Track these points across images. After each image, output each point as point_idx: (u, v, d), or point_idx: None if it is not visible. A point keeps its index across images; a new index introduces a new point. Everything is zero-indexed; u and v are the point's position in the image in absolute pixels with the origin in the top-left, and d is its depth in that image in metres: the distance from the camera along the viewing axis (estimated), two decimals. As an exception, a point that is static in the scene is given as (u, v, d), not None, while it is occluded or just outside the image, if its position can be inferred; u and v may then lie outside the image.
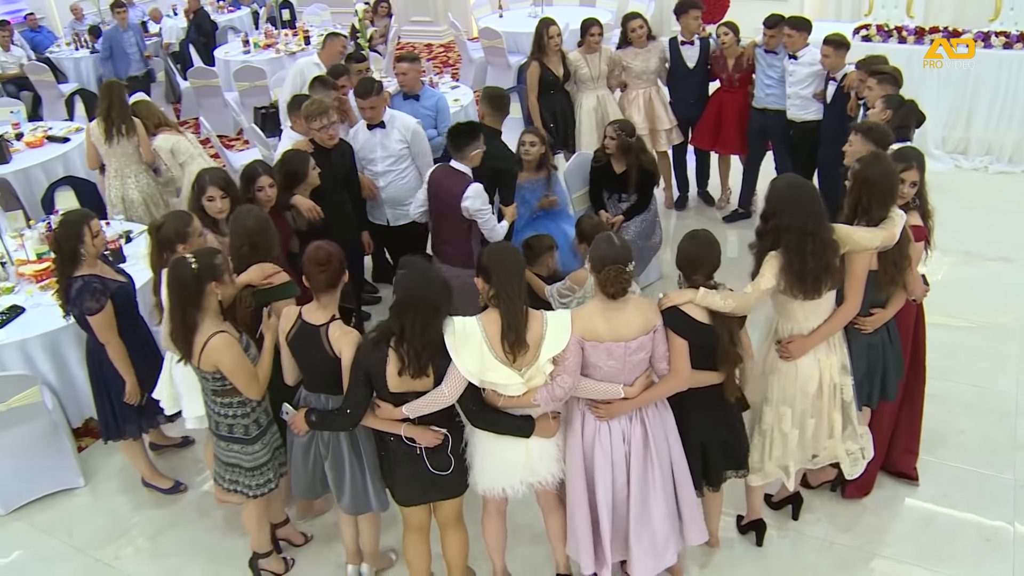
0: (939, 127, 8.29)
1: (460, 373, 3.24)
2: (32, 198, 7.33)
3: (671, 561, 3.65)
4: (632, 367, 3.36)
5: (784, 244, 3.44)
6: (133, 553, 4.44)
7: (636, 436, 3.45)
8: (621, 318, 3.31)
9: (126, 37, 10.87)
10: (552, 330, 3.28)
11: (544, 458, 3.47)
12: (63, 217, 4.27)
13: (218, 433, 3.71)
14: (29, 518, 4.69)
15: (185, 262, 3.43)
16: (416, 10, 14.67)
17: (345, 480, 3.64)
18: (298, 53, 10.81)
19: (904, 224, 3.63)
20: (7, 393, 4.43)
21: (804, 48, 6.34)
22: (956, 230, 6.94)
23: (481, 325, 3.26)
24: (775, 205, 3.51)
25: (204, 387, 3.67)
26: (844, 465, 3.90)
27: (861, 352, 3.82)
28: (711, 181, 7.75)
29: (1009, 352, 5.44)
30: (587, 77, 6.93)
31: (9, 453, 4.63)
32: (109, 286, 4.15)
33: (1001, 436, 4.71)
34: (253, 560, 4.13)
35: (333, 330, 3.41)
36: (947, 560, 3.99)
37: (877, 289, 3.72)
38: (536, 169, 5.72)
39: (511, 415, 3.38)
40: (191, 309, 3.45)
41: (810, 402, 3.70)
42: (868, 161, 3.66)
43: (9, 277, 5.41)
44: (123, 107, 6.29)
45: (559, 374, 3.29)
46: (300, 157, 5.03)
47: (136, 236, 5.88)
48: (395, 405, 3.33)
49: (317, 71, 6.88)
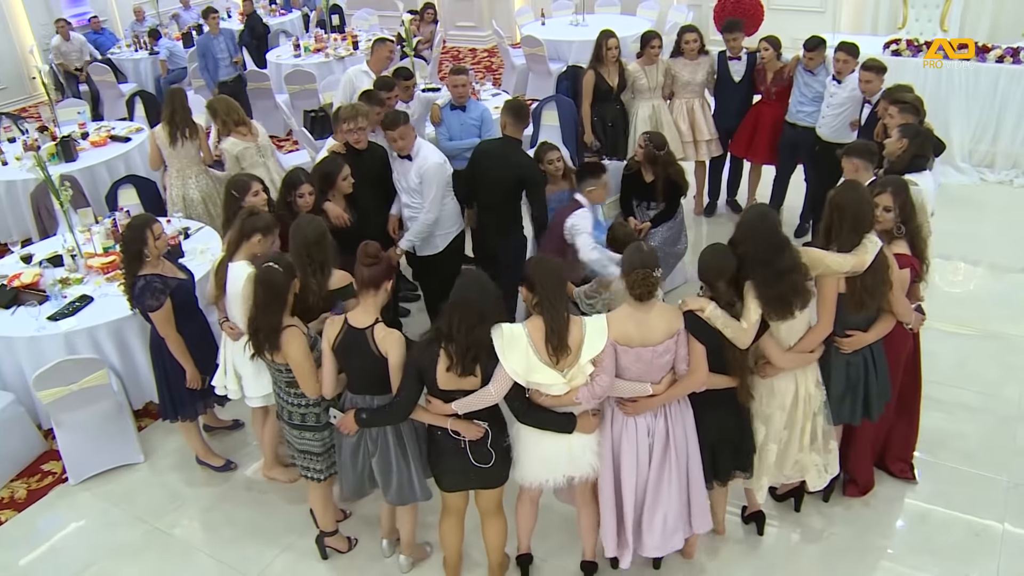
0: (966, 141, 8.47)
1: (507, 374, 3.52)
2: (96, 194, 7.80)
3: (678, 545, 3.96)
4: (658, 369, 3.66)
5: (761, 275, 3.68)
6: (188, 523, 4.87)
7: (659, 430, 3.77)
8: (649, 323, 3.61)
9: (216, 43, 10.71)
10: (591, 334, 3.58)
11: (585, 452, 3.75)
12: (129, 221, 4.68)
13: (291, 422, 4.06)
14: (94, 489, 5.14)
15: (274, 268, 3.76)
16: (461, 15, 15.05)
17: (392, 473, 3.91)
18: (347, 58, 11.23)
19: (881, 251, 3.82)
20: (78, 375, 4.88)
21: (851, 73, 6.51)
22: (980, 242, 7.21)
23: (527, 330, 3.57)
24: (742, 232, 3.75)
25: (278, 379, 4.00)
26: (810, 477, 4.16)
27: (840, 369, 4.05)
28: (740, 190, 8.01)
29: (1019, 362, 5.65)
30: (645, 87, 7.25)
31: (78, 429, 5.08)
32: (169, 284, 4.50)
33: (1000, 441, 4.96)
34: (320, 538, 4.48)
35: (378, 331, 3.68)
36: (937, 554, 4.26)
37: (847, 311, 3.90)
38: (560, 180, 6.02)
39: (555, 412, 3.66)
40: (281, 310, 3.79)
41: (787, 415, 3.97)
42: (842, 189, 3.89)
43: (79, 269, 5.86)
44: (185, 112, 6.74)
45: (598, 374, 3.59)
46: (334, 162, 5.37)
47: (194, 232, 6.33)
48: (444, 401, 3.65)
49: (366, 78, 7.26)
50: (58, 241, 6.31)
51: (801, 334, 3.85)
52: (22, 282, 5.65)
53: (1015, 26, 9.42)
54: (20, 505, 5.06)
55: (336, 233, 5.22)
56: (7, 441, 5.22)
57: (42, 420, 5.48)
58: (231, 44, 10.85)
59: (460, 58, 14.33)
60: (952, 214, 7.58)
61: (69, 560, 4.66)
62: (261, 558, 4.56)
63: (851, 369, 4.06)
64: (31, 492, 5.15)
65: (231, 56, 10.81)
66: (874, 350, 4.09)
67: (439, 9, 13.02)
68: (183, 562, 4.61)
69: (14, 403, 5.29)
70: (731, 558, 4.33)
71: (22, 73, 13.57)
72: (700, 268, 3.77)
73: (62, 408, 4.94)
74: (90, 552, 4.70)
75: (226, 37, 10.80)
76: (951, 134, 8.42)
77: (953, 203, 7.83)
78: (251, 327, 3.86)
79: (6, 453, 5.23)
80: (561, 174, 5.89)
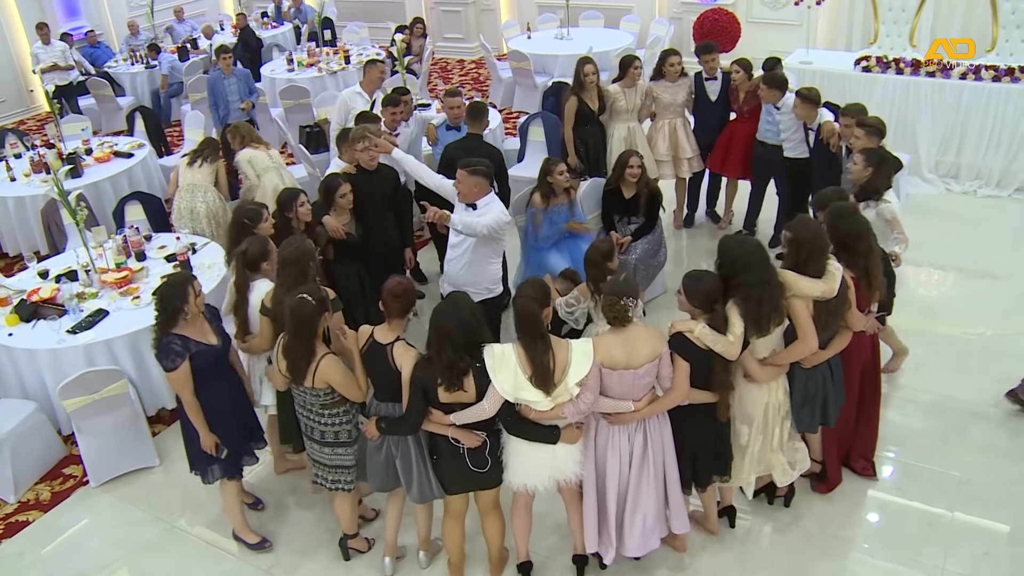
0: (932, 152, 8.90)
1: (498, 391, 3.89)
2: (101, 210, 8.13)
3: (655, 545, 4.36)
4: (639, 388, 4.02)
5: (744, 295, 4.04)
6: (205, 523, 5.22)
7: (638, 441, 4.15)
8: (633, 347, 3.96)
9: (228, 83, 9.99)
10: (577, 358, 3.91)
11: (568, 459, 4.12)
12: (169, 278, 4.50)
13: (323, 441, 4.37)
14: (114, 491, 5.50)
15: (306, 300, 4.06)
16: (449, 27, 15.42)
17: (413, 474, 4.26)
18: (339, 72, 11.59)
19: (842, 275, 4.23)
20: (100, 384, 5.24)
21: (783, 98, 6.90)
22: (944, 249, 7.62)
23: (515, 351, 3.90)
24: (737, 266, 4.05)
25: (311, 404, 4.28)
26: (776, 474, 4.57)
27: (801, 382, 4.45)
28: (718, 201, 8.39)
29: (971, 365, 6.08)
30: (623, 109, 7.59)
31: (99, 435, 5.44)
32: (189, 348, 4.33)
33: (954, 438, 5.38)
34: (343, 540, 4.82)
35: (397, 348, 4.07)
36: (891, 541, 4.68)
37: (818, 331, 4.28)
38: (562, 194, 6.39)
39: (541, 425, 4.00)
40: (312, 338, 4.10)
41: (761, 420, 4.37)
42: (797, 227, 4.27)
43: (93, 283, 6.21)
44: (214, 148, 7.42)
45: (583, 392, 3.94)
46: (335, 180, 5.74)
47: (200, 248, 6.68)
48: (444, 413, 4.03)
49: (360, 100, 7.65)
50: (71, 257, 6.65)
51: (772, 345, 4.22)
52: (41, 296, 6.00)
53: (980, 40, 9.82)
54: (45, 506, 5.41)
55: (339, 244, 5.66)
56: (31, 446, 5.58)
57: (62, 426, 5.83)
58: (243, 86, 10.11)
59: (448, 70, 14.69)
60: (918, 222, 7.96)
61: (94, 556, 5.02)
62: (274, 554, 4.94)
63: (810, 382, 4.46)
64: (55, 494, 5.50)
65: (241, 98, 10.07)
66: (832, 363, 4.50)
67: (427, 22, 13.34)
68: (201, 558, 4.97)
69: (37, 411, 5.64)
70: (706, 548, 4.72)
71: (20, 87, 13.86)
72: (694, 295, 4.06)
73: (84, 415, 5.30)
74: (113, 549, 5.06)
75: (239, 78, 10.09)
76: (919, 146, 8.88)
77: (920, 212, 8.25)
78: (287, 356, 4.16)
79: (31, 458, 5.59)
80: (564, 188, 6.27)
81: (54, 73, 12.07)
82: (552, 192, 6.28)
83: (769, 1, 12.35)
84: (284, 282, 4.52)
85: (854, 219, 4.46)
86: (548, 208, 6.31)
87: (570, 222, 6.43)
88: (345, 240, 5.73)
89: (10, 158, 8.95)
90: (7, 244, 8.71)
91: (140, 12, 14.29)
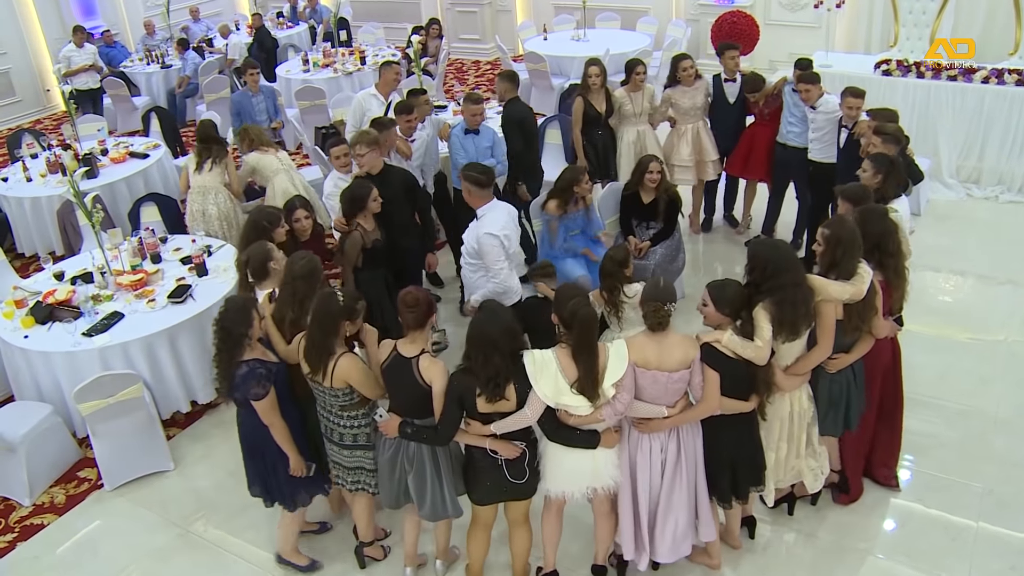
0: (953, 157, 8.80)
1: (539, 397, 3.85)
2: (117, 210, 8.14)
3: (686, 552, 4.32)
4: (672, 392, 3.99)
5: (779, 298, 3.98)
6: (218, 528, 5.19)
7: (671, 449, 4.10)
8: (666, 351, 3.94)
9: (255, 102, 9.24)
10: (613, 360, 3.89)
11: (608, 465, 4.07)
12: (230, 303, 4.21)
13: (343, 444, 4.30)
14: (129, 495, 5.48)
15: (335, 296, 4.04)
16: (465, 28, 15.40)
17: (427, 491, 4.16)
18: (355, 73, 11.57)
19: (872, 279, 4.19)
20: (116, 388, 5.23)
21: (820, 98, 6.82)
22: (965, 255, 7.55)
23: (556, 356, 3.87)
24: (769, 269, 3.98)
25: (330, 404, 4.20)
26: (807, 480, 4.53)
27: (824, 387, 4.41)
28: (737, 205, 8.34)
29: (994, 372, 6.00)
30: (630, 113, 7.55)
31: (114, 439, 5.42)
32: (271, 369, 4.20)
33: (977, 449, 5.29)
34: (359, 548, 4.78)
35: (423, 361, 3.96)
36: (914, 555, 4.60)
37: (842, 335, 4.26)
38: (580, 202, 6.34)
39: (581, 430, 3.96)
40: (331, 336, 4.04)
41: (785, 428, 4.32)
42: (835, 223, 4.25)
43: (108, 286, 6.20)
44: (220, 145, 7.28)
45: (619, 392, 3.90)
46: (363, 186, 5.67)
47: (216, 251, 6.66)
48: (483, 423, 3.97)
49: (375, 102, 7.63)
50: (87, 259, 6.65)
51: (798, 352, 4.18)
52: (56, 299, 5.99)
53: (1002, 46, 9.72)
54: (60, 509, 5.40)
55: (368, 250, 5.60)
56: (47, 449, 5.56)
57: (77, 429, 5.81)
58: (271, 104, 9.41)
59: (464, 71, 14.66)
60: (939, 228, 7.95)
61: (108, 560, 5.00)
62: (287, 560, 4.90)
63: (834, 387, 4.42)
64: (69, 497, 5.49)
65: (270, 118, 9.34)
66: (855, 367, 4.45)
67: (443, 23, 13.32)
68: (215, 563, 4.94)
69: (52, 414, 5.63)
70: (726, 561, 4.64)
71: (37, 87, 13.92)
72: (723, 304, 4.00)
73: (99, 419, 5.28)
74: (128, 552, 5.04)
75: (266, 96, 9.39)
76: (939, 151, 8.78)
77: (941, 218, 8.19)
78: (308, 345, 4.11)
79: (46, 461, 5.58)
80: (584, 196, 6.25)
81: (86, 75, 11.97)
82: (573, 200, 6.24)
83: (787, 3, 12.26)
84: (294, 294, 4.44)
85: (885, 220, 4.43)
86: (563, 216, 6.27)
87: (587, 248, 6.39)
88: (375, 247, 5.67)
89: (26, 158, 8.97)
90: (23, 245, 8.72)
91: (156, 12, 14.30)
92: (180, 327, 5.77)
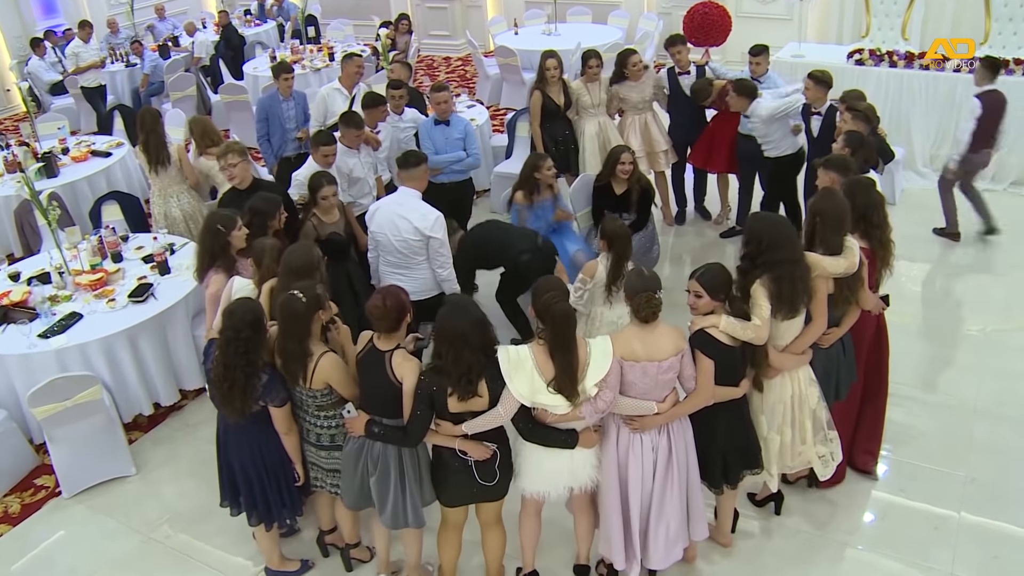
0: (926, 146, 8.78)
1: (514, 396, 3.68)
2: (78, 210, 7.91)
3: (678, 556, 4.17)
4: (662, 385, 3.84)
5: (775, 275, 3.88)
6: (183, 533, 5.00)
7: (662, 446, 3.95)
8: (654, 341, 3.80)
9: (286, 108, 7.96)
10: (596, 357, 3.75)
11: (586, 465, 3.92)
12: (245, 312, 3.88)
13: (320, 444, 4.13)
14: (89, 501, 5.27)
15: (295, 297, 3.82)
16: (434, 24, 15.22)
17: (388, 497, 3.97)
18: (323, 69, 11.40)
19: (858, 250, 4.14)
20: (73, 391, 5.02)
21: (750, 107, 6.73)
22: (940, 244, 7.48)
23: (532, 353, 3.73)
24: (765, 244, 3.89)
25: (307, 404, 4.03)
26: (816, 467, 4.41)
27: (818, 361, 4.31)
28: (709, 197, 8.26)
29: (973, 361, 5.94)
30: (588, 104, 7.46)
31: (72, 444, 5.21)
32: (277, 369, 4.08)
33: (957, 439, 5.22)
34: (344, 551, 4.60)
35: (396, 357, 3.78)
36: (897, 545, 4.51)
37: (833, 308, 4.20)
38: (546, 189, 6.27)
39: (558, 429, 3.81)
40: (304, 338, 3.86)
41: (788, 412, 4.20)
42: (820, 196, 4.19)
43: (67, 286, 5.99)
44: (158, 138, 6.85)
45: (602, 390, 3.76)
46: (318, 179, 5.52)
47: (179, 248, 6.46)
48: (454, 423, 3.79)
49: (339, 96, 7.46)
50: (44, 258, 6.43)
51: (796, 330, 4.09)
52: (11, 300, 5.78)
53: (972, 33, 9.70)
54: (14, 519, 5.18)
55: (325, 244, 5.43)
56: (1, 457, 5.35)
57: (34, 435, 5.60)
58: (301, 112, 8.10)
59: (435, 67, 14.50)
60: (914, 217, 7.89)
61: (67, 571, 4.80)
62: (255, 565, 4.73)
63: (827, 360, 4.36)
64: (25, 506, 5.27)
65: (298, 126, 8.08)
66: (844, 340, 4.42)
67: (413, 19, 13.16)
68: (180, 571, 4.76)
69: (6, 419, 5.42)
70: (706, 554, 4.54)
71: (-3, 86, 13.59)
72: (715, 289, 3.88)
73: (56, 423, 5.08)
74: (88, 562, 4.84)
75: (298, 102, 8.09)
76: (912, 140, 8.75)
77: (915, 207, 8.13)
78: (281, 355, 3.92)
79: (0, 468, 5.36)
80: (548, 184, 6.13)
81: (93, 72, 11.61)
82: (537, 188, 6.17)
83: (759, -5, 12.22)
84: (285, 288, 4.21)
85: (871, 192, 4.39)
86: (533, 205, 6.20)
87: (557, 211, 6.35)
88: (331, 240, 5.52)
89: (-16, 159, 8.69)
90: (-20, 247, 8.46)
91: (120, 10, 14.02)
92: (141, 327, 5.58)
